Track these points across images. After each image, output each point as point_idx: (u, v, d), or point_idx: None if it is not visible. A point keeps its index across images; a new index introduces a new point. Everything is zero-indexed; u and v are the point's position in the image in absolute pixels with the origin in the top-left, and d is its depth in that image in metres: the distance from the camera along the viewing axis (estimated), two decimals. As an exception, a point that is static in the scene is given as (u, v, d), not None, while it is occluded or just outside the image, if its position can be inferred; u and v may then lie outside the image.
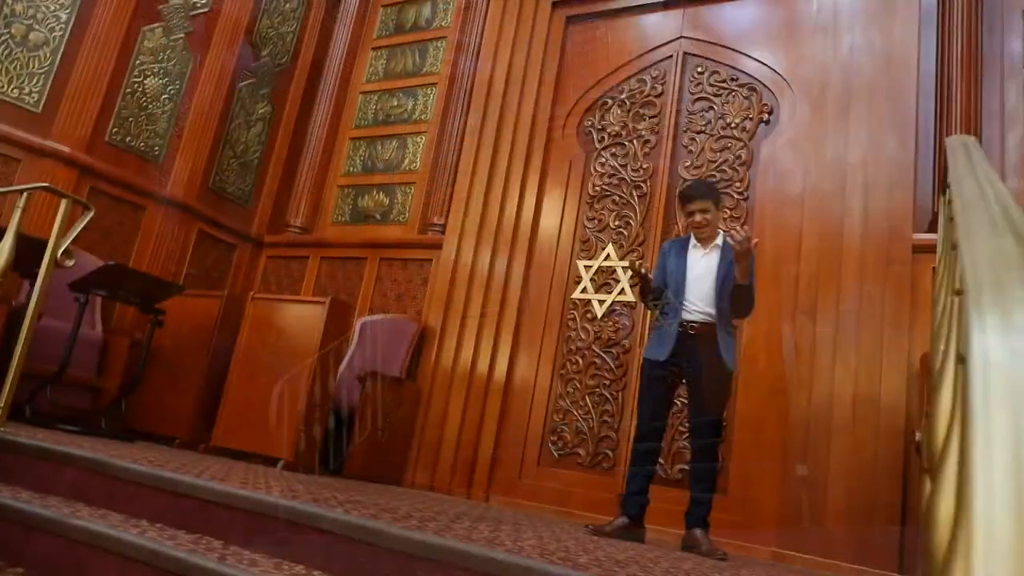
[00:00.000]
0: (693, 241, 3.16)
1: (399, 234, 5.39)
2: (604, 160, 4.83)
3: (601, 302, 4.49)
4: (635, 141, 4.75)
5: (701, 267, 3.07)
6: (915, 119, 3.87)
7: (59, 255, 2.71)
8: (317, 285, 5.49)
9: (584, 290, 4.60)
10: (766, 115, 4.40)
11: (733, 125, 4.46)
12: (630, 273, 3.03)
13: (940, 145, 3.87)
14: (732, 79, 4.57)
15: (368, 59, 6.19)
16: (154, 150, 5.09)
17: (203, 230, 5.39)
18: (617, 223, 4.64)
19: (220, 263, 5.57)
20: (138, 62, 4.98)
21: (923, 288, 3.65)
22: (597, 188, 4.79)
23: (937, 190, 3.78)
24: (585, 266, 4.64)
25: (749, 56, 4.56)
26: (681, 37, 4.83)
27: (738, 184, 4.33)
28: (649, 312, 3.82)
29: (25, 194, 2.69)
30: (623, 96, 4.91)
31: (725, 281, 2.97)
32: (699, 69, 4.71)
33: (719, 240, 3.13)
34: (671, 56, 4.83)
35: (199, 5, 5.39)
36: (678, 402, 3.60)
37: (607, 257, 4.58)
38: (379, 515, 2.00)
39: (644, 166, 4.66)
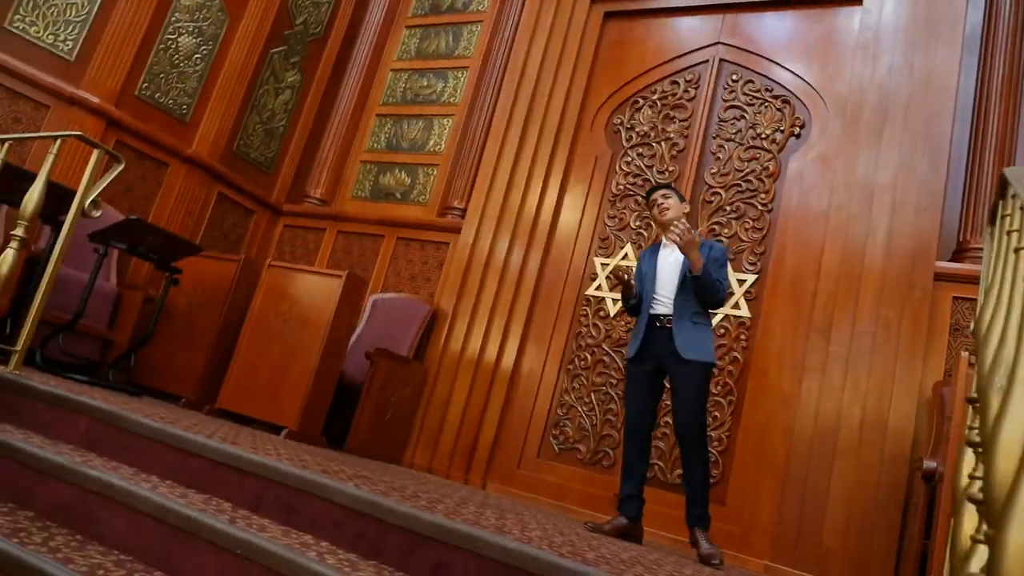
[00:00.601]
0: (664, 241, 3.25)
1: (418, 215, 5.38)
2: (630, 159, 4.81)
3: (615, 301, 4.48)
4: (663, 143, 4.73)
5: (670, 262, 3.15)
6: (949, 145, 3.84)
7: (87, 205, 2.71)
8: (332, 258, 5.49)
9: (599, 287, 4.59)
10: (797, 129, 4.37)
11: (763, 136, 4.43)
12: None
13: (971, 172, 3.84)
14: (766, 89, 4.54)
15: (401, 37, 6.17)
16: (182, 108, 5.08)
17: (223, 192, 5.39)
18: (637, 223, 4.63)
19: (237, 227, 5.57)
20: (174, 19, 4.97)
21: (941, 316, 3.64)
22: (620, 187, 4.77)
23: (965, 219, 3.76)
24: (602, 264, 4.63)
25: (785, 68, 4.53)
26: (718, 43, 4.80)
27: (763, 196, 4.30)
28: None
29: (59, 140, 2.69)
30: (655, 97, 4.88)
31: (688, 274, 3.02)
32: (734, 76, 4.67)
33: None
34: (707, 61, 4.80)
35: (238, -33, 5.37)
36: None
37: (625, 256, 4.57)
38: (388, 492, 2.00)
39: (670, 169, 4.63)
